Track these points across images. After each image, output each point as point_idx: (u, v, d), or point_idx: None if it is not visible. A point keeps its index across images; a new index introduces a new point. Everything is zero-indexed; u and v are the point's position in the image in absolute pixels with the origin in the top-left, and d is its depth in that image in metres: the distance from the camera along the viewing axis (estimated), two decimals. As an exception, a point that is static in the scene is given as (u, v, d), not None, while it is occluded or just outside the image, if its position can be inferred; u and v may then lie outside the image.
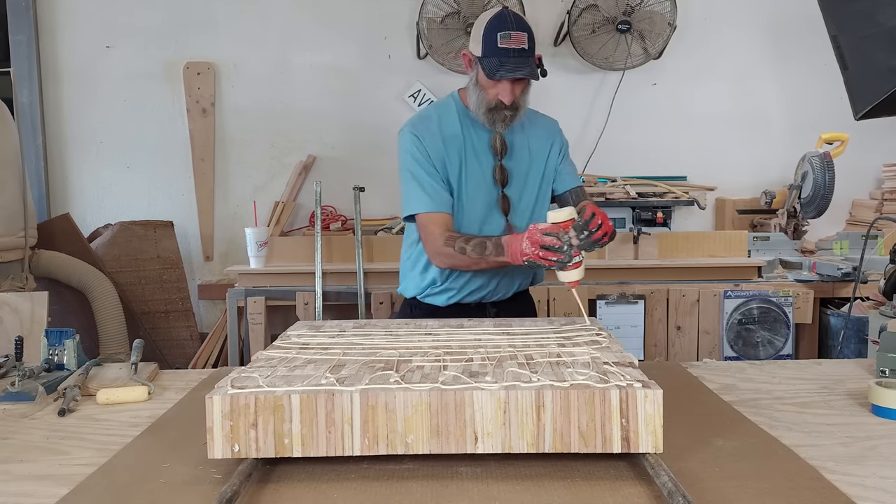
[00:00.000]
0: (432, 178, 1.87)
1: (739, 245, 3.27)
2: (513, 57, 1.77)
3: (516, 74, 1.78)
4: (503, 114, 1.85)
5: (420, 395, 0.98)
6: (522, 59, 1.78)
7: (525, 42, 1.78)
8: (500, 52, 1.77)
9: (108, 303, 3.27)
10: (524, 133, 1.97)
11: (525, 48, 1.78)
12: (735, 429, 1.18)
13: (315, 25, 3.82)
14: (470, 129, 1.92)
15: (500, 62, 1.77)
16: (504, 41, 1.76)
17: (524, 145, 1.97)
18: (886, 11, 1.71)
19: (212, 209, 3.88)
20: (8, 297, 2.09)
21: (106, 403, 1.38)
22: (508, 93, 1.82)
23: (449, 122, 1.92)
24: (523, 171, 1.96)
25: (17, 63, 3.77)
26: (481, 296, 1.99)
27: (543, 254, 1.58)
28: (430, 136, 1.89)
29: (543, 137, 2.00)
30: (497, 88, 1.82)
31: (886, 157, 3.75)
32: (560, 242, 1.56)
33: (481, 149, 1.92)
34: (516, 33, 1.76)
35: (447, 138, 1.90)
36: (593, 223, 1.58)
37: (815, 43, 3.03)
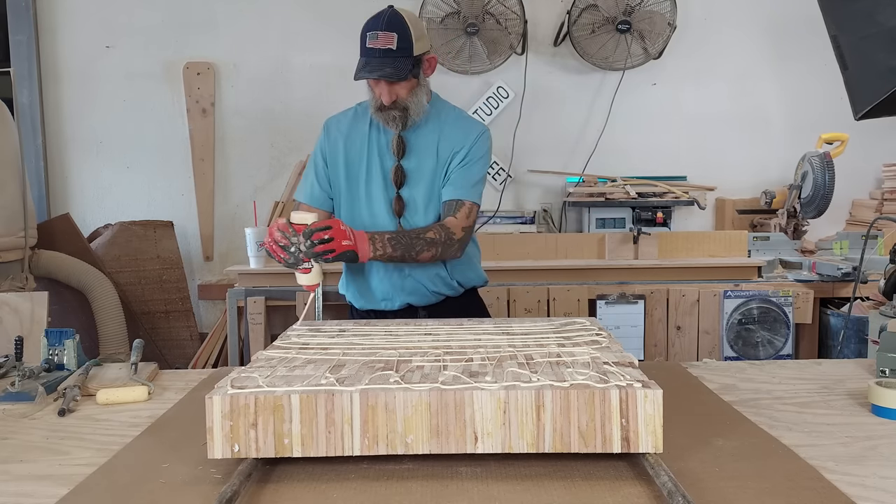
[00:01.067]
0: (315, 173, 1.94)
1: (739, 245, 3.27)
2: (377, 57, 1.76)
3: (371, 75, 1.76)
4: (391, 114, 1.83)
5: (420, 395, 0.98)
6: (388, 59, 1.75)
7: (393, 42, 1.75)
8: (367, 52, 1.77)
9: (108, 303, 3.27)
10: (437, 134, 1.90)
11: (392, 48, 1.75)
12: (735, 429, 1.18)
13: (315, 25, 3.83)
14: (377, 130, 1.91)
15: (365, 62, 1.77)
16: (371, 41, 1.77)
17: (432, 146, 1.90)
18: (886, 11, 1.71)
19: (212, 209, 3.88)
20: (8, 297, 2.09)
21: (106, 403, 1.38)
22: (385, 93, 1.80)
23: (362, 119, 1.93)
24: (428, 173, 1.90)
25: (17, 63, 3.77)
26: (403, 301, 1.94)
27: (275, 248, 1.61)
28: (334, 132, 1.94)
29: (454, 140, 1.90)
30: (378, 89, 1.81)
31: (886, 157, 3.75)
32: (287, 242, 1.60)
33: (385, 149, 1.91)
34: (384, 33, 1.75)
35: (352, 135, 1.92)
36: (317, 235, 1.60)
37: (815, 43, 3.04)
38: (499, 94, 3.83)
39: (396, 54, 1.76)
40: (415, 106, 1.84)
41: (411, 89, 1.82)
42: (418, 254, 1.80)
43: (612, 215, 3.57)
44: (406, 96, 1.82)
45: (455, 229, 1.85)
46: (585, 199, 3.61)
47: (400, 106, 1.82)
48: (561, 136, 3.86)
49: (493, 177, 3.84)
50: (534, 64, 3.82)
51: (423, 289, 1.95)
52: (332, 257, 1.64)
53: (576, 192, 3.64)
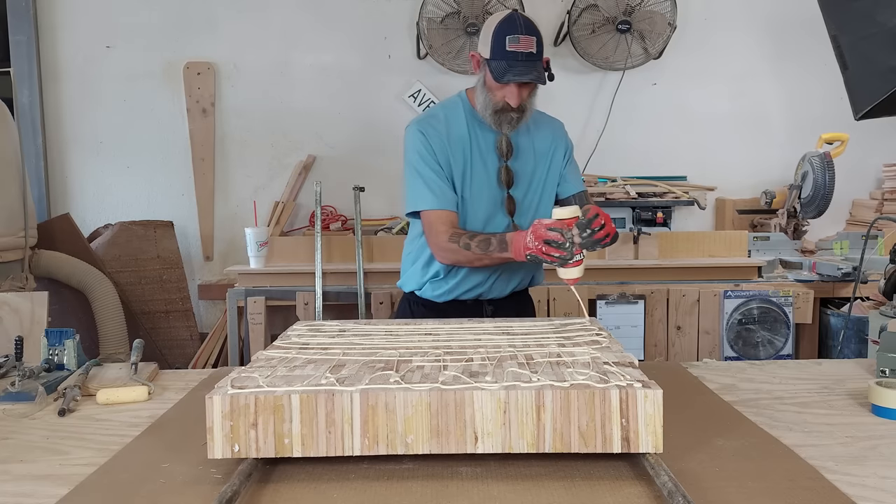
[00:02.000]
0: (437, 176, 1.88)
1: (739, 245, 3.27)
2: (521, 61, 1.77)
3: (523, 79, 1.78)
4: (509, 116, 1.85)
5: (420, 395, 0.98)
6: (530, 63, 1.78)
7: (534, 46, 1.78)
8: (509, 55, 1.77)
9: (108, 303, 3.27)
10: (530, 135, 1.97)
11: (533, 52, 1.78)
12: (735, 429, 1.18)
13: (315, 25, 3.83)
14: (476, 130, 1.92)
15: (508, 65, 1.77)
16: (513, 45, 1.77)
17: (530, 147, 1.96)
18: (886, 11, 1.72)
19: (212, 209, 3.88)
20: (8, 297, 2.09)
21: (106, 403, 1.38)
22: (515, 96, 1.82)
23: (456, 121, 1.92)
24: (528, 173, 1.96)
25: (17, 63, 3.77)
26: (478, 293, 1.99)
27: (546, 249, 1.60)
28: (435, 135, 1.90)
29: (549, 139, 1.99)
30: (504, 91, 1.82)
31: (886, 157, 3.75)
32: (563, 238, 1.59)
33: (487, 150, 1.92)
34: (525, 37, 1.77)
35: (453, 138, 1.90)
36: (596, 222, 1.60)
37: (814, 43, 3.04)
38: (499, 94, 3.83)
39: (536, 58, 1.79)
40: (531, 108, 1.90)
41: (532, 92, 1.87)
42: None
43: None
44: (527, 99, 1.86)
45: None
46: (585, 199, 3.60)
47: (520, 108, 1.85)
48: (561, 136, 3.86)
49: (493, 177, 3.84)
50: (534, 64, 3.81)
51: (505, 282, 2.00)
52: (609, 241, 1.65)
53: (576, 192, 3.64)
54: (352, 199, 3.37)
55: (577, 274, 1.64)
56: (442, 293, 1.99)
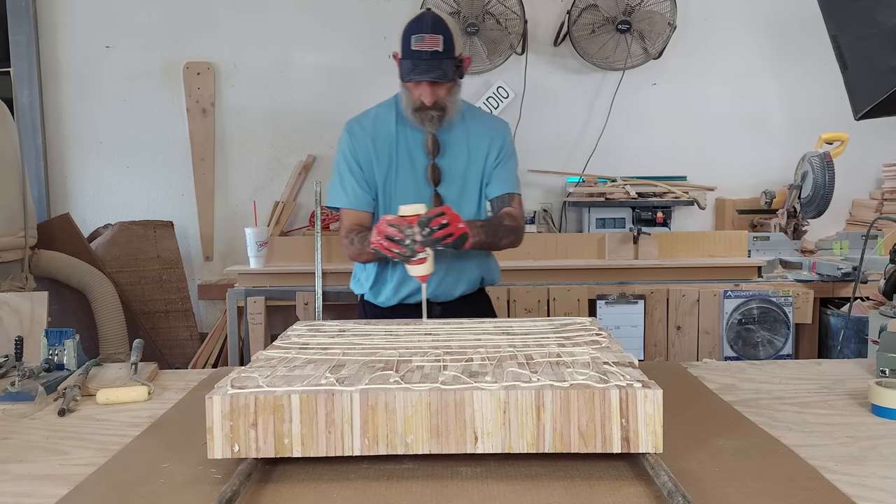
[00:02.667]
0: (353, 176, 1.94)
1: (739, 245, 3.27)
2: (424, 59, 1.78)
3: (423, 77, 1.79)
4: (429, 114, 1.86)
5: (420, 395, 0.98)
6: (435, 61, 1.78)
7: (439, 44, 1.78)
8: (413, 54, 1.79)
9: (108, 303, 3.27)
10: (465, 133, 1.97)
11: (439, 50, 1.78)
12: (735, 429, 1.18)
13: (315, 25, 3.83)
14: (406, 129, 1.94)
15: (413, 65, 1.79)
16: (417, 44, 1.78)
17: (462, 145, 1.96)
18: (886, 11, 1.71)
19: (212, 209, 3.88)
20: (8, 297, 2.09)
21: (106, 403, 1.38)
22: (428, 94, 1.83)
23: (386, 121, 1.95)
24: (460, 171, 1.96)
25: (17, 63, 3.77)
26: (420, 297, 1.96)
27: (387, 244, 1.64)
28: (361, 135, 1.95)
29: (484, 138, 1.98)
30: (419, 90, 1.84)
31: (886, 157, 3.75)
32: (402, 235, 1.62)
33: (415, 148, 1.94)
34: (430, 36, 1.78)
35: (379, 137, 1.94)
36: (436, 221, 1.63)
37: (814, 43, 3.03)
38: (499, 94, 3.83)
39: (442, 56, 1.79)
40: (452, 106, 1.89)
41: (450, 90, 1.87)
42: (500, 240, 1.89)
43: (612, 215, 3.57)
44: (445, 97, 1.86)
45: (519, 218, 1.95)
46: (585, 199, 3.61)
47: (439, 106, 1.86)
48: (561, 135, 3.86)
49: (493, 177, 3.84)
50: (534, 64, 3.82)
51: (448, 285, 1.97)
52: (451, 242, 1.66)
53: (576, 192, 3.64)
54: (352, 199, 3.37)
55: (422, 271, 1.67)
56: (385, 298, 2.00)
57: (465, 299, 2.02)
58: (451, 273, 1.97)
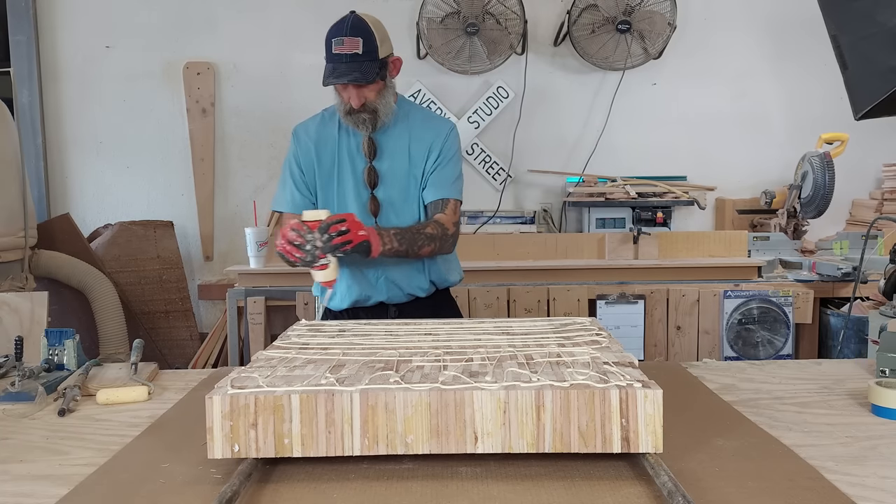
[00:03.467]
0: (293, 181, 1.95)
1: (739, 245, 3.27)
2: (344, 62, 1.79)
3: (340, 81, 1.79)
4: (360, 117, 1.86)
5: (420, 395, 0.98)
6: (355, 63, 1.78)
7: (359, 47, 1.78)
8: (334, 57, 1.80)
9: (108, 303, 3.27)
10: (407, 134, 1.95)
11: (359, 53, 1.78)
12: (735, 429, 1.18)
13: (315, 25, 3.81)
14: (348, 133, 1.94)
15: (333, 68, 1.80)
16: (337, 47, 1.80)
17: (403, 147, 1.94)
18: (886, 11, 1.71)
19: (212, 209, 3.88)
20: (8, 297, 2.09)
21: (106, 403, 1.38)
22: (354, 97, 1.83)
23: (330, 124, 1.96)
24: (400, 174, 1.94)
25: (17, 63, 3.77)
26: (377, 299, 1.96)
27: (289, 248, 1.64)
28: (305, 139, 1.96)
29: (424, 140, 1.95)
30: (346, 93, 1.84)
31: (886, 157, 3.75)
32: (302, 240, 1.62)
33: (356, 151, 1.93)
34: (350, 38, 1.78)
35: (322, 140, 1.95)
36: (334, 228, 1.63)
37: (814, 43, 3.04)
38: (499, 94, 3.83)
39: (363, 58, 1.79)
40: (383, 108, 1.88)
41: (379, 91, 1.86)
42: (419, 248, 1.84)
43: (612, 215, 3.57)
44: (374, 99, 1.85)
45: (448, 225, 1.91)
46: (585, 199, 3.61)
47: (369, 108, 1.85)
48: (561, 136, 3.86)
49: (493, 177, 3.84)
50: (534, 64, 3.82)
51: (396, 288, 1.96)
52: (350, 249, 1.66)
53: (576, 192, 3.64)
54: (352, 199, 3.37)
55: (324, 277, 1.68)
56: (337, 302, 1.98)
57: (421, 301, 1.99)
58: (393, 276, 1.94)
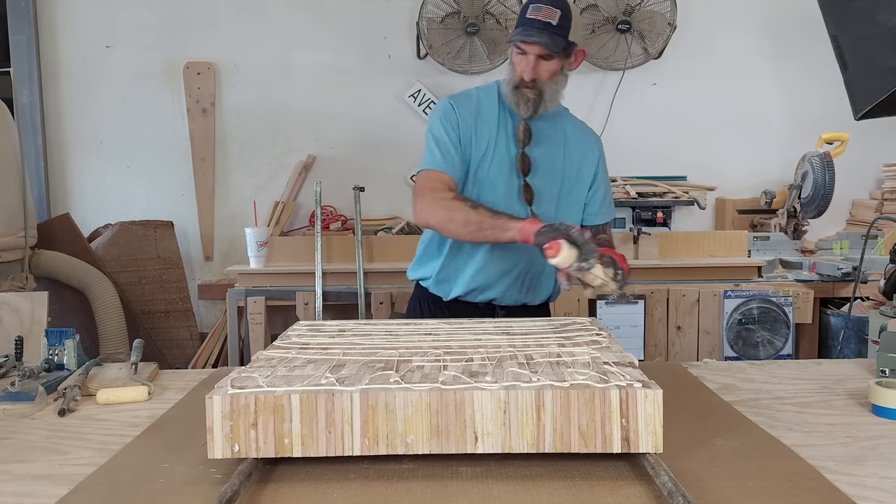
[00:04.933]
0: (451, 144, 1.82)
1: (739, 245, 3.27)
2: (535, 27, 1.71)
3: (531, 39, 1.71)
4: (526, 94, 1.78)
5: (420, 395, 0.98)
6: (546, 32, 1.71)
7: (555, 18, 1.71)
8: (527, 21, 1.72)
9: (108, 303, 3.27)
10: (562, 130, 1.91)
11: (552, 23, 1.71)
12: (735, 429, 1.18)
13: (315, 25, 3.83)
14: (506, 116, 1.86)
15: (524, 30, 1.72)
16: (533, 12, 1.72)
17: (559, 136, 1.90)
18: (886, 11, 1.71)
19: (212, 209, 3.88)
20: (8, 297, 2.09)
21: (106, 403, 1.38)
22: (530, 67, 1.74)
23: (488, 102, 1.88)
24: (554, 164, 1.88)
25: (17, 63, 3.77)
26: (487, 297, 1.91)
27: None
28: (465, 108, 1.85)
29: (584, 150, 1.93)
30: (522, 64, 1.76)
31: (886, 157, 3.75)
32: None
33: (511, 136, 1.86)
34: (548, 7, 1.71)
35: (482, 117, 1.85)
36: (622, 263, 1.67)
37: (814, 43, 3.03)
38: (499, 94, 3.83)
39: (555, 30, 1.71)
40: (551, 92, 1.81)
41: (553, 74, 1.78)
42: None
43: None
44: (547, 79, 1.78)
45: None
46: (585, 199, 3.60)
47: (537, 87, 1.77)
48: (561, 136, 3.86)
49: (493, 177, 3.84)
50: (534, 64, 3.82)
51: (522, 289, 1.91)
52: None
53: (576, 192, 3.64)
54: (352, 199, 3.37)
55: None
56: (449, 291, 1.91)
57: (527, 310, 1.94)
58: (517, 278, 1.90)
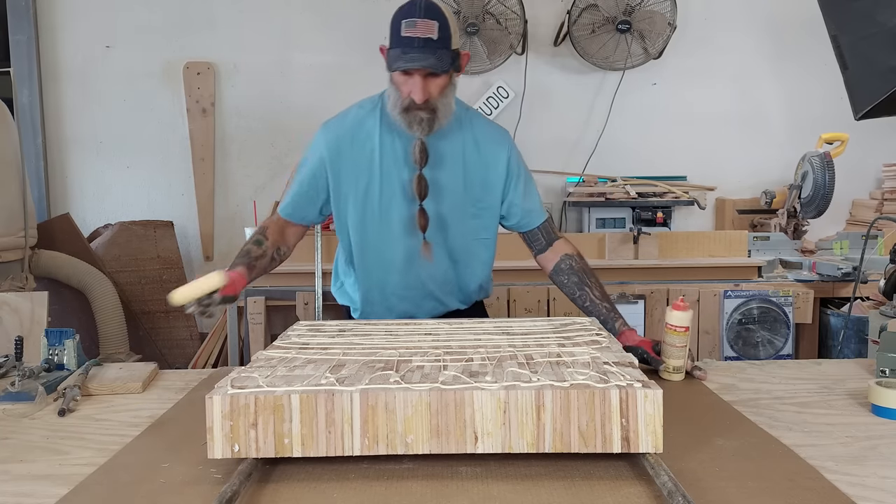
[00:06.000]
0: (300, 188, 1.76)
1: (739, 245, 3.27)
2: (416, 47, 1.54)
3: (414, 65, 1.55)
4: (418, 115, 1.61)
5: (420, 395, 0.98)
6: (428, 49, 1.54)
7: (434, 31, 1.54)
8: (403, 41, 1.55)
9: (108, 303, 3.27)
10: (461, 142, 1.73)
11: (433, 38, 1.54)
12: (735, 429, 1.18)
13: (315, 25, 3.83)
14: (389, 135, 1.71)
15: (402, 52, 1.56)
16: (408, 29, 1.55)
17: (457, 156, 1.73)
18: (886, 11, 1.72)
19: (212, 209, 3.88)
20: (8, 297, 2.09)
21: (182, 301, 1.39)
22: (419, 89, 1.58)
23: (367, 125, 1.73)
24: (454, 185, 1.73)
25: (17, 63, 3.77)
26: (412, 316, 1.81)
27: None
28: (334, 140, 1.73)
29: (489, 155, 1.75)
30: (408, 85, 1.60)
31: (886, 157, 3.75)
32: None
33: (402, 156, 1.70)
34: (423, 21, 1.54)
35: (360, 143, 1.72)
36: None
37: (814, 43, 3.04)
38: (499, 94, 3.83)
39: (437, 45, 1.55)
40: (444, 108, 1.64)
41: (443, 88, 1.62)
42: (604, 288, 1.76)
43: (612, 215, 3.57)
44: (437, 95, 1.62)
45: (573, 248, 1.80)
46: (585, 199, 3.61)
47: (430, 106, 1.61)
48: (561, 135, 3.86)
49: (493, 177, 3.84)
50: (534, 64, 3.82)
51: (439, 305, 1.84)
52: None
53: (576, 191, 3.64)
54: (352, 199, 3.37)
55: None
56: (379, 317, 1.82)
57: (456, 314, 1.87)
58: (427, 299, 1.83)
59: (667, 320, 1.50)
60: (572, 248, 1.80)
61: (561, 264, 1.78)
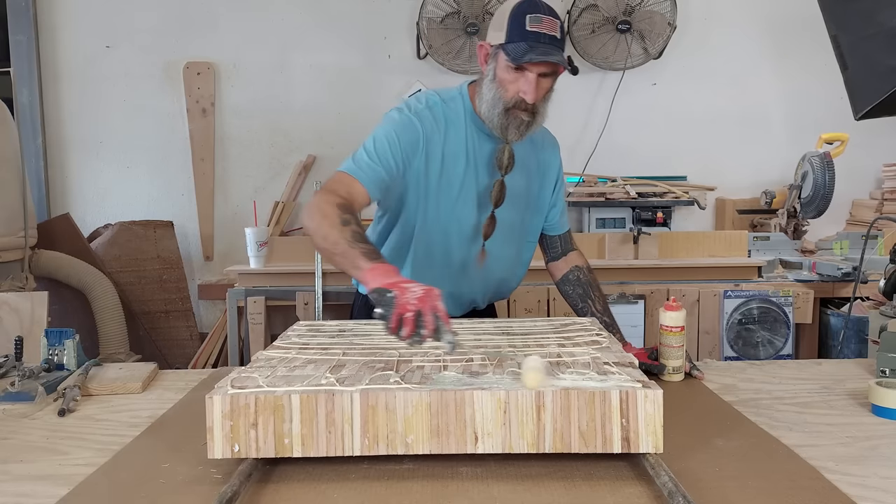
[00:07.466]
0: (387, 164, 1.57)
1: (739, 245, 3.27)
2: (543, 43, 1.49)
3: (549, 58, 1.48)
4: (519, 118, 1.56)
5: (420, 395, 0.98)
6: (554, 46, 1.50)
7: (557, 30, 1.52)
8: (530, 35, 1.49)
9: (108, 303, 3.27)
10: (524, 145, 1.69)
11: (557, 36, 1.51)
12: (735, 429, 1.18)
13: (315, 25, 3.83)
14: (478, 136, 1.64)
15: (529, 46, 1.48)
16: (535, 24, 1.49)
17: (523, 160, 1.70)
18: (886, 11, 1.72)
19: (212, 209, 3.88)
20: (8, 297, 2.09)
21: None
22: (533, 88, 1.52)
23: (456, 119, 1.64)
24: (522, 192, 1.71)
25: (17, 63, 3.77)
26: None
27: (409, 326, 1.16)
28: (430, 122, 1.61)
29: (549, 159, 1.77)
30: (520, 83, 1.53)
31: (886, 157, 3.75)
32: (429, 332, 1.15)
33: (485, 160, 1.65)
34: (549, 18, 1.51)
35: (453, 134, 1.63)
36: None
37: (814, 43, 3.03)
38: (499, 94, 3.83)
39: (559, 44, 1.52)
40: (543, 112, 1.60)
41: (548, 91, 1.58)
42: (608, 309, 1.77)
43: (612, 215, 3.57)
44: (543, 98, 1.57)
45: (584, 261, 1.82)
46: (585, 199, 3.60)
47: (534, 109, 1.56)
48: (561, 136, 3.81)
49: (493, 177, 3.84)
50: (534, 64, 3.82)
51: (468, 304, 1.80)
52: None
53: (576, 192, 3.64)
54: (352, 199, 3.37)
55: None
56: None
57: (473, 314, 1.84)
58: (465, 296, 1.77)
59: (661, 322, 1.50)
60: (584, 260, 1.84)
61: (569, 275, 1.83)
